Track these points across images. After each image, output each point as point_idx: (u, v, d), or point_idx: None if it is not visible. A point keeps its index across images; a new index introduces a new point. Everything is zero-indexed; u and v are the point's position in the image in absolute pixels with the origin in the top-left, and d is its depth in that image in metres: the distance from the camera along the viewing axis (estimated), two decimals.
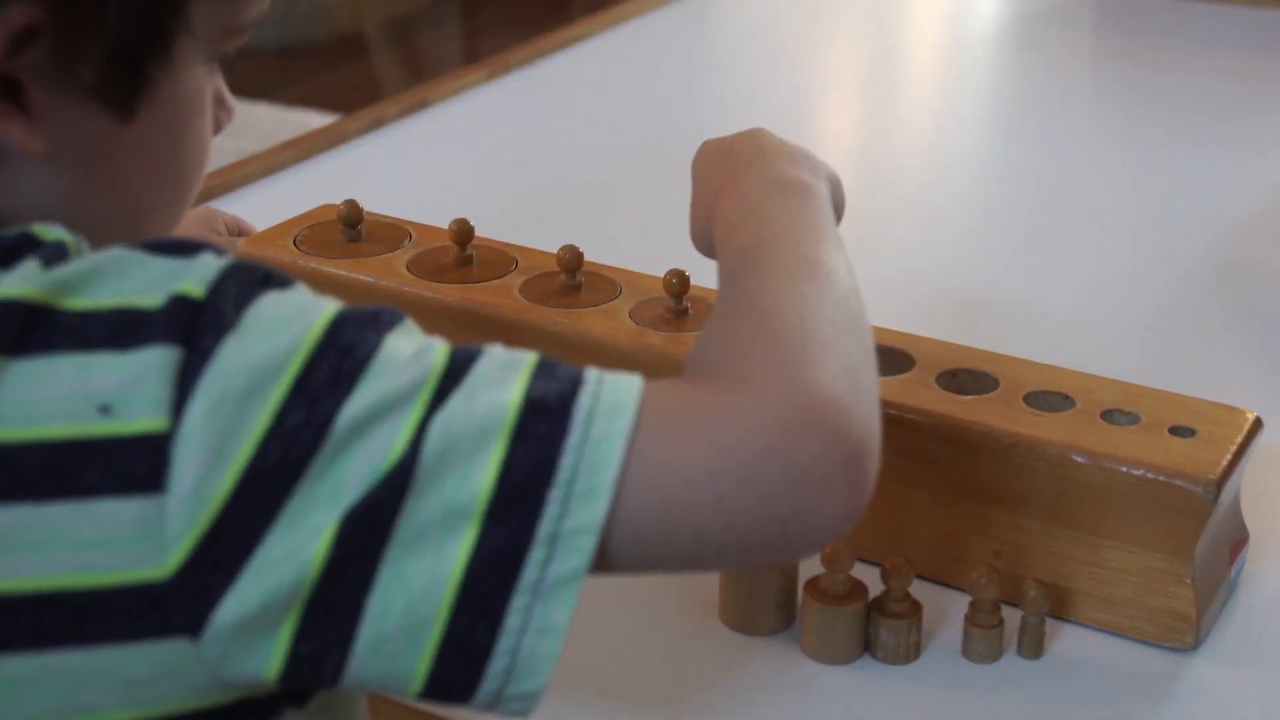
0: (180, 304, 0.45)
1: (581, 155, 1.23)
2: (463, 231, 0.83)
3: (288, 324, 0.46)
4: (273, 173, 1.17)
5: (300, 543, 0.44)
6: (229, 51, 0.53)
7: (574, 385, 0.47)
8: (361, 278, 0.82)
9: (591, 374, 0.48)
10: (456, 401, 0.46)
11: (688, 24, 1.58)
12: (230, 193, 1.14)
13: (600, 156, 1.23)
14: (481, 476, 0.45)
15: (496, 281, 0.81)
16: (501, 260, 0.83)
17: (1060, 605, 0.68)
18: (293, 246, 0.85)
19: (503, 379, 0.47)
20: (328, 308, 0.47)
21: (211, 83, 0.54)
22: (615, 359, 0.76)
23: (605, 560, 0.46)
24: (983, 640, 0.66)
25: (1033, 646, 0.67)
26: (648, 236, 1.08)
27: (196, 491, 0.44)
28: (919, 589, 0.67)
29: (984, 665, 0.66)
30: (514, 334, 0.79)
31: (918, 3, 1.73)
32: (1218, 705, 0.64)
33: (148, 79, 0.50)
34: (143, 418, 0.44)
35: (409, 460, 0.45)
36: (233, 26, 0.52)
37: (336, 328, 0.46)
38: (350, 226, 0.86)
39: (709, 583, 0.70)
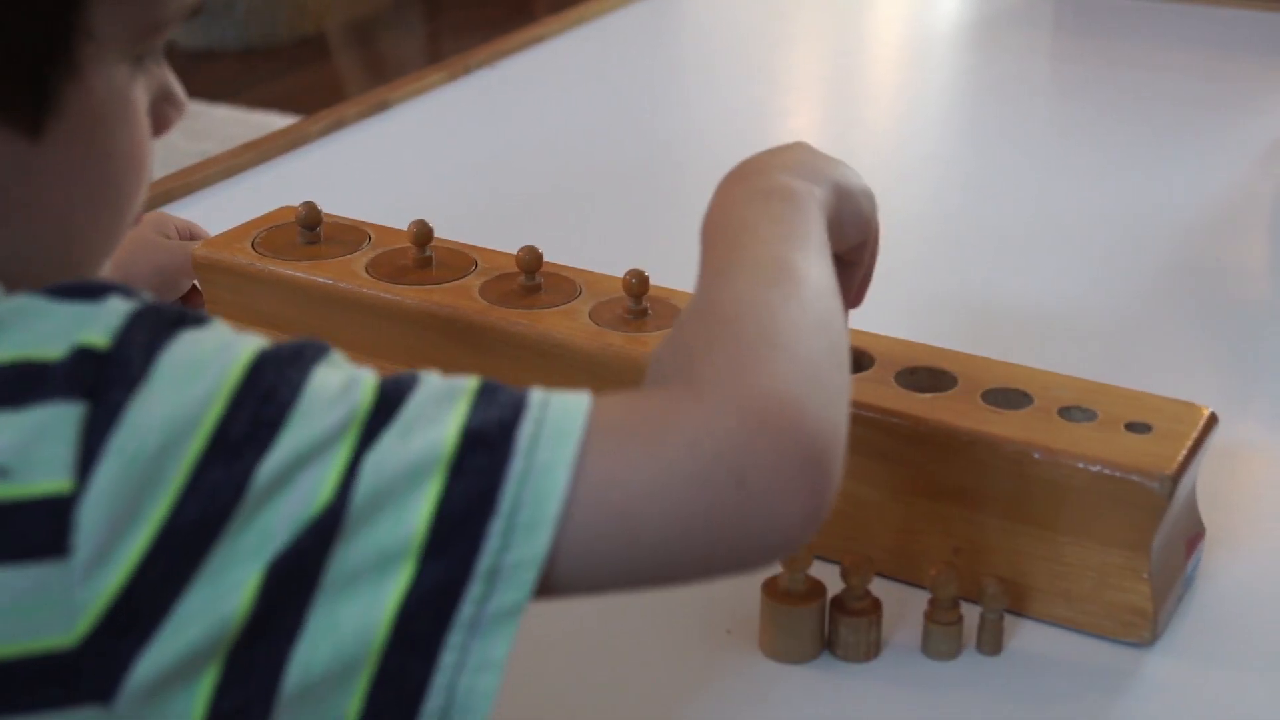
0: (83, 356, 0.43)
1: (541, 156, 1.23)
2: (422, 233, 0.82)
3: (202, 370, 0.43)
4: (232, 175, 1.16)
5: (221, 596, 0.42)
6: (156, 48, 0.50)
7: (516, 411, 0.45)
8: (320, 280, 0.82)
9: (536, 396, 0.46)
10: (388, 441, 0.44)
11: (649, 24, 1.58)
12: (189, 195, 1.13)
13: (560, 157, 1.23)
14: (416, 515, 0.43)
15: (456, 283, 0.81)
16: (461, 262, 0.83)
17: (1019, 601, 0.69)
18: (250, 249, 0.85)
19: (438, 413, 0.45)
20: (246, 348, 0.45)
21: (150, 80, 0.50)
22: (575, 359, 0.76)
23: (551, 587, 0.45)
24: (942, 637, 0.66)
25: (992, 643, 0.67)
26: (607, 237, 1.08)
27: (106, 555, 0.41)
28: (878, 587, 0.67)
29: (944, 662, 0.66)
30: (474, 335, 0.79)
31: (878, 2, 1.73)
32: (1175, 699, 0.65)
33: (49, 91, 0.46)
34: (44, 479, 0.41)
35: (337, 505, 0.43)
36: (150, 23, 0.48)
37: (256, 371, 0.44)
38: (308, 229, 0.85)
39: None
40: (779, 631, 0.66)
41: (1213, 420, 0.69)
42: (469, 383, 0.46)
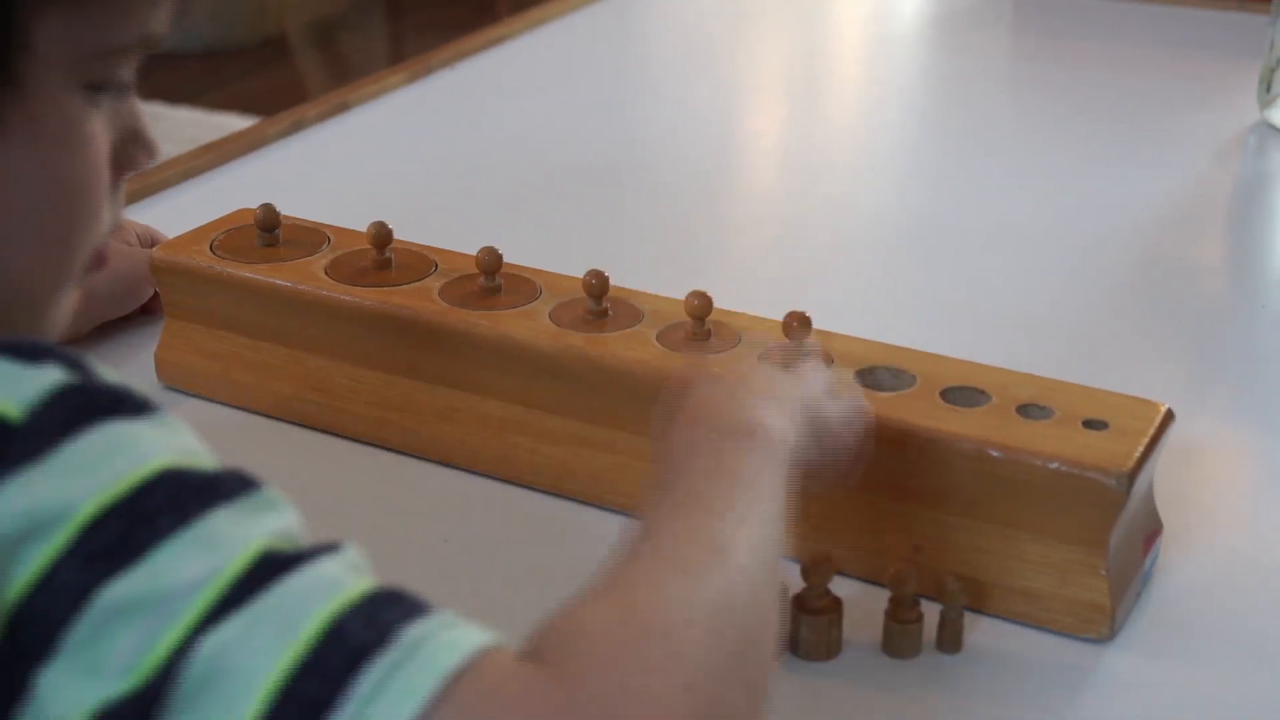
0: None
1: (502, 156, 1.23)
2: (381, 235, 0.82)
3: (100, 466, 0.42)
4: (191, 177, 1.15)
5: (58, 704, 0.40)
6: (115, 80, 0.48)
7: (379, 641, 0.41)
8: (278, 282, 0.82)
9: (416, 630, 0.42)
10: (233, 628, 0.41)
11: (611, 24, 1.58)
12: (148, 197, 1.12)
13: (521, 157, 1.23)
14: None
15: (415, 284, 0.81)
16: (420, 263, 0.83)
17: (979, 599, 0.69)
18: (209, 252, 0.84)
19: (299, 613, 0.41)
20: (158, 459, 0.43)
21: (114, 117, 0.49)
22: (535, 361, 0.76)
23: None
24: (903, 635, 0.67)
25: (952, 640, 0.67)
26: (568, 238, 1.08)
27: None
28: (839, 585, 0.67)
29: (904, 660, 0.67)
30: (434, 337, 0.78)
31: (840, 2, 1.74)
32: (1133, 694, 0.65)
33: None
34: None
35: (164, 682, 0.40)
36: (99, 47, 0.47)
37: (150, 486, 0.42)
38: (267, 231, 0.85)
39: None
40: None
41: (1169, 417, 0.70)
42: (360, 584, 0.43)
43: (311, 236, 0.86)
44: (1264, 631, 0.69)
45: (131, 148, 0.51)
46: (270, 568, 0.42)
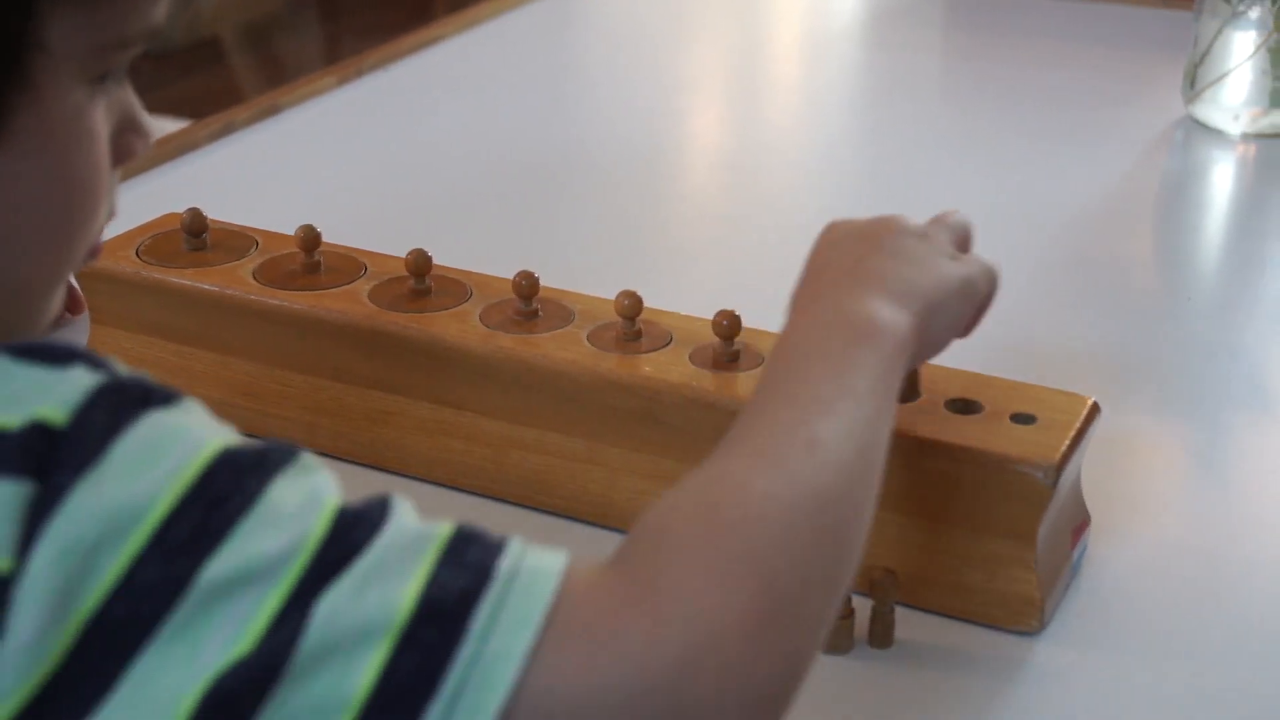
0: (38, 432, 0.41)
1: (434, 158, 1.23)
2: (309, 238, 0.82)
3: (156, 461, 0.42)
4: (119, 181, 1.14)
5: (148, 701, 0.41)
6: (117, 69, 0.48)
7: (480, 581, 0.44)
8: (205, 287, 0.81)
9: (506, 562, 0.44)
10: (344, 589, 0.42)
11: (547, 24, 1.57)
12: None
13: (453, 159, 1.23)
14: (359, 679, 0.42)
15: (345, 288, 0.80)
16: (350, 266, 0.82)
17: (910, 594, 0.69)
18: (135, 257, 0.84)
19: (401, 568, 0.43)
20: (208, 444, 0.43)
21: (112, 106, 0.49)
22: (466, 362, 0.76)
23: None
24: (835, 632, 0.67)
25: (883, 635, 0.67)
26: (500, 240, 1.08)
27: (35, 642, 0.40)
28: None
29: (836, 657, 0.67)
30: (364, 340, 0.78)
31: (773, 1, 1.74)
32: (1064, 685, 0.66)
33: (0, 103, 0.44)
34: None
35: (282, 646, 0.41)
36: (111, 41, 0.47)
37: (212, 473, 0.43)
38: (193, 235, 0.84)
39: None
40: None
41: (1095, 410, 0.71)
42: (440, 532, 0.45)
43: (239, 241, 0.85)
44: (1191, 621, 0.70)
45: (128, 135, 0.50)
46: (353, 527, 0.44)
